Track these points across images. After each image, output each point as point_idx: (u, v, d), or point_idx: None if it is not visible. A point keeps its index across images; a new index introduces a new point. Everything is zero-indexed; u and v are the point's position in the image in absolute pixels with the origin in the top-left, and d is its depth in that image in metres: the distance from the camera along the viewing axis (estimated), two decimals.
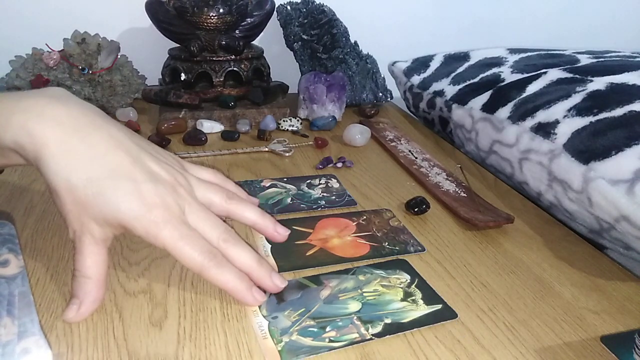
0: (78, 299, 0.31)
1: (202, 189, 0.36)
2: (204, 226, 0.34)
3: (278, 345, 0.30)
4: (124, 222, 0.31)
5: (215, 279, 0.33)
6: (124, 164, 0.32)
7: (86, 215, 0.31)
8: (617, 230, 0.42)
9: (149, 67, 0.78)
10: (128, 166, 0.32)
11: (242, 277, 0.33)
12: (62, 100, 0.32)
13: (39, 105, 0.31)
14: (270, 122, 0.69)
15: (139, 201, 0.31)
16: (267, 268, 0.35)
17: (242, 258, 0.34)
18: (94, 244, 0.32)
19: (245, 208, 0.38)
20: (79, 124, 0.32)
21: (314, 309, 0.34)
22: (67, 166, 0.30)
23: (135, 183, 0.32)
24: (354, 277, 0.37)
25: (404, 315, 0.34)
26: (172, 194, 0.33)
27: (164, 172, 0.34)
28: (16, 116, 0.30)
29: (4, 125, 0.30)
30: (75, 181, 0.30)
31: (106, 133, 0.33)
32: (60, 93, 0.33)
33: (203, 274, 0.32)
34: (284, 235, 0.39)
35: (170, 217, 0.32)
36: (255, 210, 0.38)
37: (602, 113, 0.48)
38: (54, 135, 0.30)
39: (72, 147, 0.31)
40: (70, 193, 0.30)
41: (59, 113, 0.31)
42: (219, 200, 0.37)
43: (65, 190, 0.30)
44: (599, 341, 0.33)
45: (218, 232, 0.34)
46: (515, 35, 1.04)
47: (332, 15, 0.82)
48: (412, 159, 0.61)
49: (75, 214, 0.31)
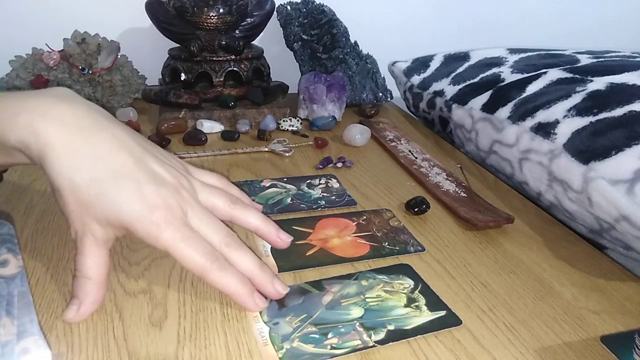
0: (78, 299, 0.31)
1: (205, 192, 0.36)
2: (207, 229, 0.33)
3: (279, 352, 0.30)
4: (126, 223, 0.31)
5: (217, 282, 0.32)
6: (127, 164, 0.32)
7: (88, 215, 0.31)
8: (617, 230, 0.42)
9: (149, 67, 0.78)
10: (131, 167, 0.32)
11: (245, 282, 0.33)
12: (67, 100, 0.32)
13: (44, 105, 0.31)
14: (270, 122, 0.69)
15: (140, 202, 0.31)
16: (269, 274, 0.35)
17: (245, 263, 0.34)
18: (95, 244, 0.32)
19: (249, 213, 0.38)
20: (83, 124, 0.32)
21: (316, 315, 0.33)
22: (71, 166, 0.30)
23: (138, 184, 0.32)
24: (357, 283, 0.37)
25: (408, 322, 0.33)
26: (175, 196, 0.33)
27: (168, 174, 0.34)
28: (22, 116, 0.30)
29: (10, 125, 0.30)
30: (78, 181, 0.30)
31: (110, 134, 0.33)
32: (65, 93, 0.33)
33: (205, 276, 0.32)
34: (287, 242, 0.39)
35: (172, 219, 0.32)
36: (259, 215, 0.38)
37: (602, 113, 0.48)
38: (59, 135, 0.31)
39: (76, 147, 0.31)
40: (73, 193, 0.30)
41: (64, 113, 0.31)
42: (222, 205, 0.37)
43: (68, 190, 0.30)
44: (599, 341, 0.33)
45: (220, 236, 0.34)
46: (515, 35, 1.04)
47: (332, 15, 0.82)
48: (412, 159, 0.61)
49: (77, 214, 0.31)
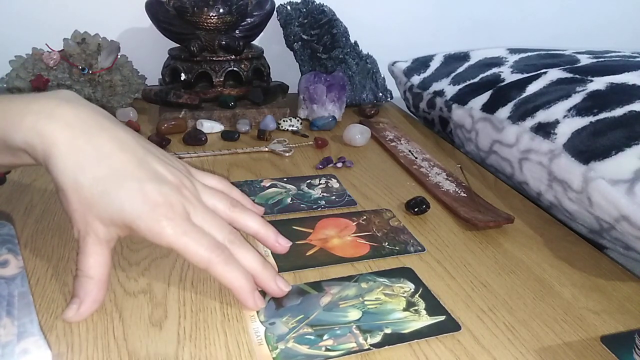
0: (79, 298, 0.32)
1: (207, 194, 0.36)
2: (210, 227, 0.34)
3: (273, 352, 0.30)
4: (128, 221, 0.31)
5: (222, 275, 0.32)
6: (129, 164, 0.32)
7: (91, 214, 0.31)
8: (617, 230, 0.42)
9: (149, 67, 0.78)
10: (133, 166, 0.32)
11: (248, 278, 0.33)
12: (71, 102, 0.33)
13: (49, 107, 0.32)
14: (270, 122, 0.69)
15: (142, 200, 0.32)
16: (272, 271, 0.35)
17: (248, 260, 0.34)
18: (97, 244, 0.32)
19: (249, 217, 0.38)
20: (86, 126, 0.32)
21: (313, 316, 0.33)
22: (75, 166, 0.31)
23: (140, 183, 0.32)
24: (357, 285, 0.37)
25: (405, 326, 0.33)
26: (177, 194, 0.33)
27: (170, 174, 0.34)
28: (28, 117, 0.31)
29: (16, 126, 0.31)
30: (82, 180, 0.31)
31: (113, 135, 0.33)
32: (70, 96, 0.34)
33: (210, 269, 0.32)
34: (285, 247, 0.39)
35: (174, 216, 0.32)
36: (258, 220, 0.38)
37: (602, 113, 0.48)
38: (63, 136, 0.31)
39: (80, 147, 0.31)
40: (77, 192, 0.31)
41: (68, 115, 0.32)
42: (222, 207, 0.37)
43: (72, 189, 0.31)
44: (599, 341, 0.33)
45: (224, 234, 0.34)
46: (515, 35, 1.04)
47: (332, 15, 0.82)
48: (412, 159, 0.61)
49: (80, 213, 0.31)
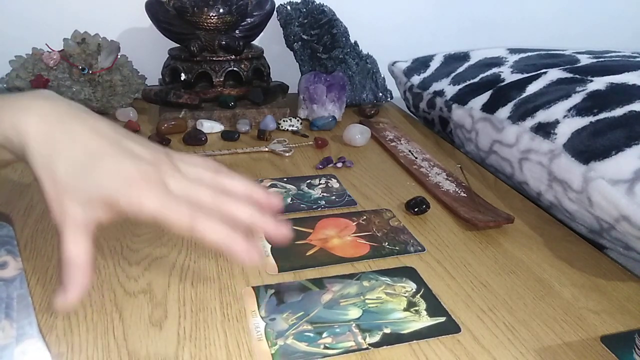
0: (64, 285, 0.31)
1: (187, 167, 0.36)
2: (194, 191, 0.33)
3: (272, 349, 0.30)
4: (106, 197, 0.31)
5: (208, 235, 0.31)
6: (105, 146, 0.33)
7: (67, 197, 0.31)
8: (617, 230, 0.42)
9: (149, 67, 0.78)
10: (108, 147, 0.33)
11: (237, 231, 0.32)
12: (48, 98, 0.34)
13: (26, 102, 0.33)
14: (270, 122, 0.69)
15: (119, 175, 0.32)
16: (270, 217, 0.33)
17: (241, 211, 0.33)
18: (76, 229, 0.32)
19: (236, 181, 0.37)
20: (62, 117, 0.33)
21: (313, 313, 0.33)
22: (50, 153, 0.32)
23: (116, 160, 0.32)
24: (358, 283, 0.37)
25: (405, 326, 0.33)
26: (154, 168, 0.33)
27: (146, 154, 0.34)
28: (6, 114, 0.32)
29: None
30: (57, 164, 0.31)
31: (89, 124, 0.34)
32: (49, 94, 0.35)
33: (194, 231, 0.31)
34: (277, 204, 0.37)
35: (152, 187, 0.32)
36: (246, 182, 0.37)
37: (602, 113, 0.48)
38: (38, 127, 0.32)
39: (55, 136, 0.32)
40: (52, 177, 0.31)
41: (44, 107, 0.33)
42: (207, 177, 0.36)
43: (47, 177, 0.31)
44: (599, 341, 0.33)
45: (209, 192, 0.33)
46: (515, 35, 1.04)
47: (332, 15, 0.82)
48: (412, 159, 0.61)
49: (57, 200, 0.32)
